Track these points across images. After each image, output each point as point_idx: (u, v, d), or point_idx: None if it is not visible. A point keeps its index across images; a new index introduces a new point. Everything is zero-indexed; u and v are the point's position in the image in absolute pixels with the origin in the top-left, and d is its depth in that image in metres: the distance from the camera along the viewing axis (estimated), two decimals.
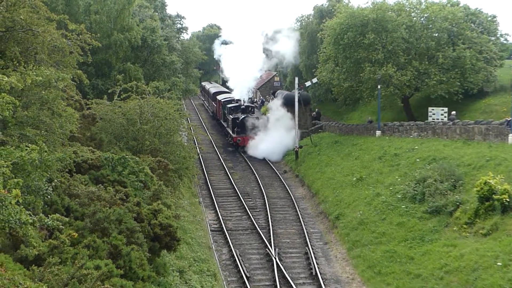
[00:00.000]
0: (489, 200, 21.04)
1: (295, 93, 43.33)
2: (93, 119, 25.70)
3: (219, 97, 59.22)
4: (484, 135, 28.94)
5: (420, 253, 21.64)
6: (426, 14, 39.94)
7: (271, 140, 45.24)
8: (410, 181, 26.85)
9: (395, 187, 27.58)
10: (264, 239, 26.33)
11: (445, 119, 35.34)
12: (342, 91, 42.68)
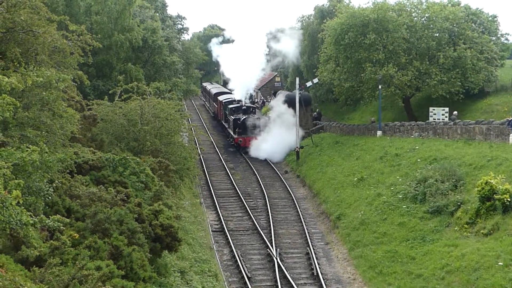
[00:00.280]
0: (490, 200, 21.05)
1: (296, 94, 43.30)
2: (94, 120, 25.71)
3: (220, 98, 59.17)
4: (485, 135, 28.92)
5: (421, 253, 21.63)
6: (427, 14, 39.95)
7: (273, 141, 45.15)
8: (411, 181, 26.85)
9: (396, 187, 27.57)
10: (265, 240, 26.31)
11: (446, 119, 35.34)
12: (343, 91, 42.66)
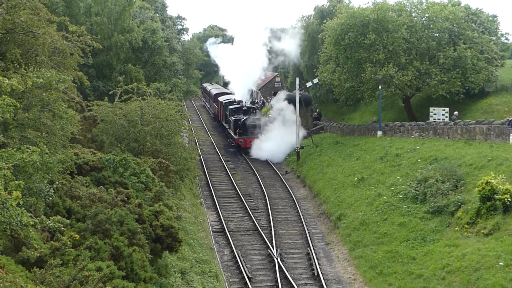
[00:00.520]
0: (491, 200, 21.05)
1: (296, 94, 43.28)
2: (94, 121, 25.73)
3: (221, 99, 59.12)
4: (486, 135, 28.92)
5: (422, 253, 21.63)
6: (427, 14, 39.95)
7: (274, 141, 45.10)
8: (412, 181, 26.85)
9: (397, 188, 27.57)
10: (266, 240, 26.30)
11: (446, 119, 35.34)
12: (343, 92, 42.66)
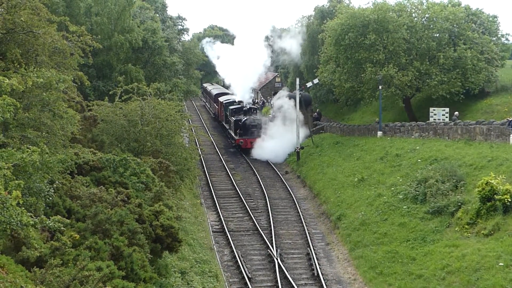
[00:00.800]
0: (491, 201, 21.04)
1: (296, 94, 43.27)
2: (94, 121, 25.74)
3: (221, 99, 59.09)
4: (486, 136, 28.92)
5: (422, 254, 21.63)
6: (427, 15, 39.93)
7: (275, 142, 45.07)
8: (412, 182, 26.85)
9: (397, 188, 27.57)
10: (266, 240, 26.30)
11: (446, 120, 35.33)
12: (343, 92, 42.65)
